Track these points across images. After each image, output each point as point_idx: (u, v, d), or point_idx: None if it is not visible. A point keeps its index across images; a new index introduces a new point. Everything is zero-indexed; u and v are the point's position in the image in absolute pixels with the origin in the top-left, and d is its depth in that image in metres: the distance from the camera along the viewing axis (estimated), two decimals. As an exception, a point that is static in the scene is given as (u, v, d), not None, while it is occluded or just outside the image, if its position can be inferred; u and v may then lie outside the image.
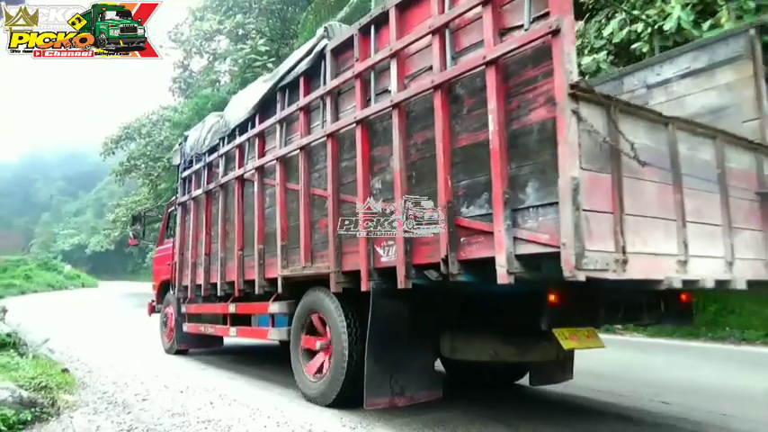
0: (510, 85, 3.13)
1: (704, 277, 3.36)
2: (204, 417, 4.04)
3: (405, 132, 3.82)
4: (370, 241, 4.04)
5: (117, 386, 5.31)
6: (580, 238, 2.66)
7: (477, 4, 3.30)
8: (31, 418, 4.11)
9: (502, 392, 5.15)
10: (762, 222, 3.98)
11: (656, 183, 3.19)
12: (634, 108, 3.28)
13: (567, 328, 3.52)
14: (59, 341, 8.55)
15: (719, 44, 4.55)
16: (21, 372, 4.75)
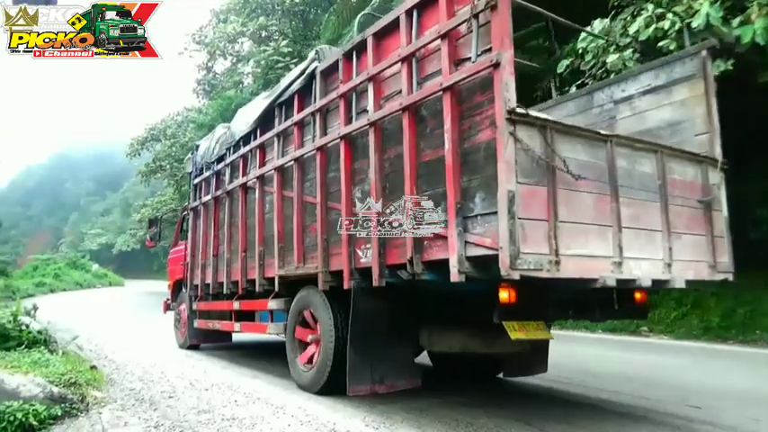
0: (463, 108, 3.63)
1: (640, 277, 3.79)
2: (229, 414, 4.09)
3: (380, 148, 4.33)
4: (351, 244, 4.53)
5: (144, 383, 5.40)
6: (515, 242, 3.13)
7: (436, 37, 3.80)
8: (61, 414, 4.22)
9: (510, 389, 5.10)
10: (705, 227, 4.42)
11: (592, 193, 3.64)
12: (571, 128, 3.75)
13: (518, 322, 3.79)
14: (87, 338, 8.74)
15: (676, 63, 4.97)
16: (51, 368, 4.86)
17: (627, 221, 3.79)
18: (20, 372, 4.61)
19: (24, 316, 6.21)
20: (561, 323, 11.39)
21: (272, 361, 7.00)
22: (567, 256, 3.39)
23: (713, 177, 4.58)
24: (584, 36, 9.08)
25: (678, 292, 10.08)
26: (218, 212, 7.50)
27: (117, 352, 7.82)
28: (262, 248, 6.09)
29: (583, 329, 10.79)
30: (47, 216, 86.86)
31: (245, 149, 6.65)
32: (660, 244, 4.04)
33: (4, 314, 5.87)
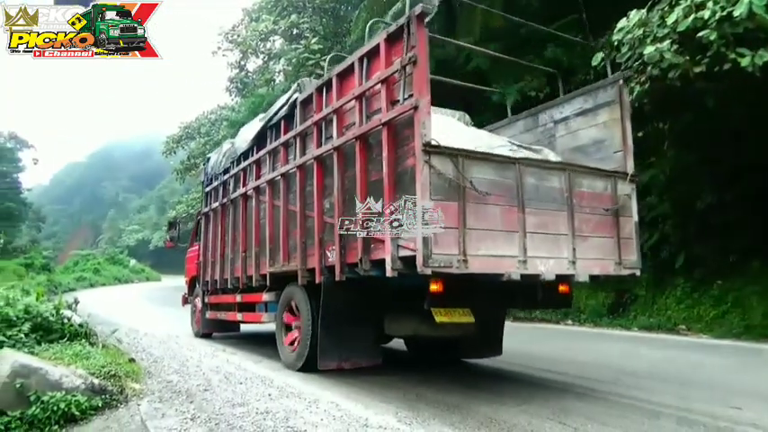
0: (396, 140, 4.54)
1: (544, 272, 4.68)
2: (263, 408, 4.14)
3: (342, 168, 5.26)
4: (321, 246, 5.47)
5: (180, 376, 5.51)
6: (427, 245, 4.05)
7: (378, 81, 4.74)
8: (101, 405, 4.34)
9: (539, 383, 5.03)
10: (612, 231, 5.25)
11: (500, 205, 4.51)
12: (480, 154, 4.65)
13: (444, 308, 4.71)
14: (125, 332, 8.96)
15: (600, 90, 5.82)
16: (92, 360, 4.99)
17: (533, 228, 4.68)
18: (62, 363, 4.76)
19: (66, 310, 6.38)
20: (596, 321, 11.22)
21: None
22: (474, 256, 4.29)
23: (624, 189, 5.41)
24: (620, 27, 8.86)
25: (717, 291, 9.81)
26: (225, 218, 8.50)
27: (154, 345, 8.00)
28: (257, 249, 7.10)
29: (618, 327, 10.59)
30: (86, 213, 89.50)
31: (245, 164, 7.70)
32: (565, 245, 4.88)
33: (48, 308, 6.05)
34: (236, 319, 8.20)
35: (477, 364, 6.46)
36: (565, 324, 11.66)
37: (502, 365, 6.35)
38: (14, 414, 4.00)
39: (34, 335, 5.60)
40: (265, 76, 24.47)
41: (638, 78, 8.73)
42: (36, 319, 5.72)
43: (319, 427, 3.64)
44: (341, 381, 5.40)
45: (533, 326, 11.81)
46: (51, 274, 29.83)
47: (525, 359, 6.82)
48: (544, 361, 6.69)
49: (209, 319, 9.28)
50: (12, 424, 3.96)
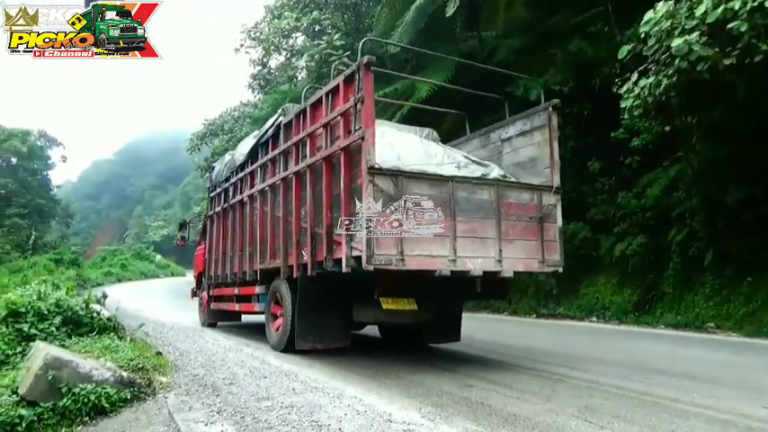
0: (351, 163, 5.57)
1: (472, 269, 5.68)
2: (287, 402, 4.17)
3: (313, 182, 6.30)
4: (299, 247, 6.54)
5: (206, 370, 5.59)
6: (370, 247, 5.10)
7: (338, 114, 5.79)
8: (130, 397, 4.43)
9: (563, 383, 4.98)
10: (537, 235, 6.25)
11: (433, 216, 5.51)
12: (415, 174, 5.65)
13: (392, 298, 5.90)
14: (152, 326, 9.13)
15: (536, 115, 6.87)
16: (120, 353, 5.10)
17: (463, 233, 5.69)
18: (92, 356, 4.87)
19: (95, 304, 6.52)
20: (621, 318, 11.06)
21: (327, 352, 7.11)
22: (410, 256, 5.32)
23: (549, 199, 6.43)
24: (647, 19, 8.69)
25: (748, 288, 9.60)
26: (226, 220, 9.64)
27: (180, 339, 8.12)
28: (251, 248, 8.20)
29: (644, 325, 10.43)
30: (113, 209, 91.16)
31: (241, 174, 8.87)
32: (493, 247, 5.90)
33: (77, 302, 6.18)
34: (235, 309, 9.27)
35: (502, 362, 6.43)
36: (589, 321, 11.52)
37: (525, 362, 6.31)
38: (47, 405, 4.11)
39: (65, 328, 5.73)
40: (288, 72, 24.58)
41: (665, 71, 8.55)
42: (66, 313, 5.85)
43: (343, 422, 3.66)
44: (364, 376, 5.43)
45: (556, 323, 11.71)
46: (80, 269, 30.43)
47: (549, 356, 6.77)
48: (568, 358, 6.63)
49: (213, 309, 10.49)
50: (44, 415, 4.07)
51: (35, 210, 46.91)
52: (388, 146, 6.18)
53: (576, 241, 12.59)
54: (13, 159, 48.94)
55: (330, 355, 6.78)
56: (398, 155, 6.07)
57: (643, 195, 11.77)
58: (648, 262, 11.45)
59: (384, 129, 6.96)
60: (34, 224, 42.34)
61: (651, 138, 11.01)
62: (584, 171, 13.15)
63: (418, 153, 6.47)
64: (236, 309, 9.21)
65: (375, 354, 6.96)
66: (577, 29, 13.50)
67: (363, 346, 7.65)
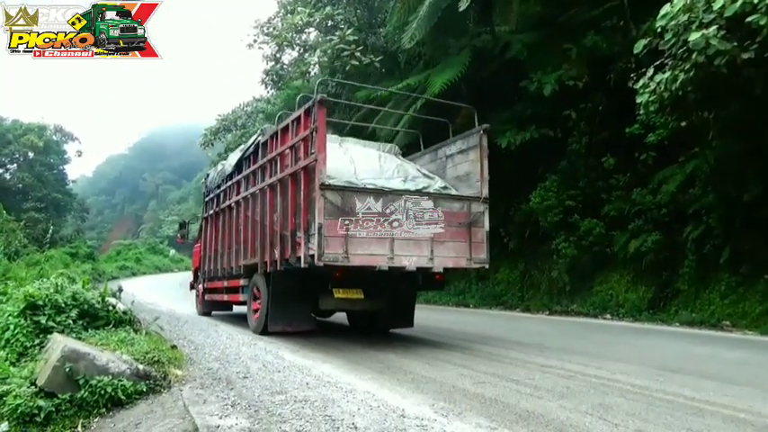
0: (308, 179, 6.75)
1: (407, 265, 6.90)
2: (301, 396, 4.20)
3: (282, 193, 7.50)
4: (271, 246, 7.72)
5: (220, 363, 5.64)
6: (321, 247, 6.28)
7: (299, 139, 7.00)
8: (145, 390, 4.49)
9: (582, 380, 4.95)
10: (466, 237, 7.42)
11: (373, 221, 6.75)
12: (359, 189, 6.85)
13: (342, 289, 7.23)
14: (167, 319, 9.22)
15: (471, 136, 8.10)
16: (136, 346, 5.15)
17: (400, 234, 6.91)
18: (108, 349, 4.94)
19: (111, 297, 6.59)
20: (635, 315, 10.98)
21: (340, 347, 7.15)
22: (354, 255, 6.57)
23: (478, 208, 7.56)
24: (663, 13, 8.59)
25: (764, 286, 9.48)
26: (217, 222, 10.87)
27: (194, 333, 8.20)
28: (236, 247, 9.44)
29: (658, 322, 10.35)
30: (128, 204, 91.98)
31: (229, 183, 10.13)
32: (426, 247, 7.08)
33: (94, 295, 6.26)
34: (225, 300, 10.51)
35: (515, 359, 6.41)
36: (603, 318, 11.45)
37: (538, 359, 6.28)
38: (64, 396, 4.18)
39: (81, 321, 5.81)
40: (300, 68, 24.61)
41: (682, 66, 8.45)
42: (83, 306, 5.92)
43: (357, 417, 3.67)
44: (377, 371, 5.44)
45: (569, 320, 11.65)
46: (95, 262, 30.78)
47: (562, 353, 6.74)
48: (581, 355, 6.59)
49: (207, 300, 11.87)
50: (62, 406, 4.14)
51: (51, 204, 47.49)
52: (348, 161, 7.72)
53: (591, 238, 12.51)
54: (30, 154, 49.54)
55: (343, 350, 6.83)
56: (356, 168, 7.51)
57: (658, 192, 11.65)
58: (663, 259, 11.35)
59: (349, 146, 8.76)
60: (50, 218, 42.86)
61: (667, 133, 10.90)
62: (599, 167, 13.06)
63: (374, 168, 7.84)
64: (225, 299, 10.45)
65: (387, 350, 6.97)
66: (592, 23, 13.38)
67: (375, 342, 7.67)
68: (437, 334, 8.79)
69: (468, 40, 15.95)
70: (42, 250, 26.16)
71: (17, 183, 48.18)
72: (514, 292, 14.98)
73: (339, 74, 20.80)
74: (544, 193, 13.60)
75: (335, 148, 7.95)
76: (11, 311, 5.71)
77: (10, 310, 5.75)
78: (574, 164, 13.66)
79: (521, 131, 14.10)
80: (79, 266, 23.26)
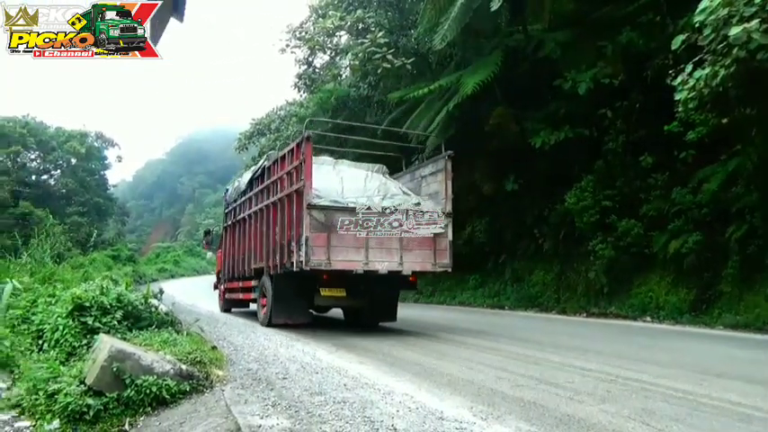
0: (300, 200, 8.24)
1: (380, 269, 8.39)
2: (340, 397, 4.24)
3: (282, 210, 9.03)
4: (274, 254, 9.24)
5: (260, 364, 5.74)
6: (308, 255, 7.95)
7: (293, 167, 8.56)
8: (189, 389, 4.60)
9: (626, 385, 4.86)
10: (431, 246, 8.87)
11: (352, 233, 8.29)
12: (339, 207, 8.41)
13: (327, 288, 8.70)
14: (206, 320, 9.42)
15: (440, 160, 9.48)
16: (179, 347, 5.28)
17: (374, 245, 8.46)
18: (152, 349, 5.07)
19: (152, 299, 6.77)
20: (676, 318, 10.71)
21: (376, 350, 7.19)
22: (335, 260, 8.18)
23: (444, 221, 8.96)
24: (702, 8, 8.37)
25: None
26: (234, 232, 12.58)
27: (233, 334, 8.36)
28: (249, 253, 11.02)
29: (701, 325, 10.07)
30: (166, 207, 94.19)
31: (243, 199, 11.88)
32: (396, 254, 8.59)
33: (137, 297, 6.44)
34: (240, 298, 12.25)
35: (553, 361, 6.33)
36: (642, 321, 11.20)
37: (577, 362, 6.20)
38: (112, 395, 4.32)
39: (126, 322, 5.98)
40: (332, 71, 24.81)
41: (722, 61, 8.22)
42: (127, 308, 6.10)
43: (396, 419, 3.70)
44: (414, 373, 5.45)
45: (607, 322, 11.44)
46: (136, 265, 31.63)
47: (601, 357, 6.63)
48: (622, 359, 6.47)
49: (227, 299, 13.60)
50: (110, 404, 4.28)
51: (93, 208, 49.03)
52: (338, 181, 9.33)
53: (629, 238, 12.26)
54: (73, 160, 51.27)
55: (378, 353, 6.87)
56: (343, 188, 9.07)
57: (699, 191, 11.33)
58: (705, 260, 11.03)
59: (341, 167, 10.31)
60: (93, 222, 44.24)
61: (707, 131, 10.60)
62: (636, 166, 12.78)
63: (358, 187, 9.34)
64: (240, 297, 12.20)
65: (423, 353, 6.98)
66: (628, 20, 13.11)
67: (411, 346, 7.69)
68: (473, 337, 8.75)
69: (499, 39, 15.83)
70: (86, 253, 27.04)
71: (61, 188, 49.96)
72: (550, 294, 14.77)
73: (371, 76, 20.89)
74: (580, 193, 13.38)
75: (329, 170, 9.82)
76: (59, 312, 5.93)
77: (59, 312, 5.97)
78: (610, 163, 13.39)
79: (555, 131, 13.91)
80: (121, 269, 23.97)
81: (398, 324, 10.40)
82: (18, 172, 46.01)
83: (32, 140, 47.89)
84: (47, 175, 51.66)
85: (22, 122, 48.33)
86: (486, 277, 17.95)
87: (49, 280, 8.74)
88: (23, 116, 49.73)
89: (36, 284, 8.11)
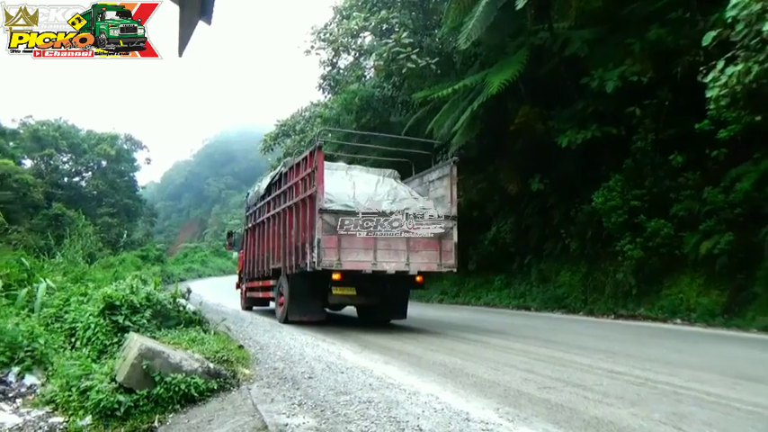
0: (312, 205, 8.80)
1: (387, 269, 8.89)
2: (365, 397, 4.25)
3: (297, 213, 9.64)
4: (290, 254, 9.82)
5: (285, 363, 5.78)
6: (320, 256, 8.52)
7: (306, 174, 9.27)
8: (216, 388, 4.66)
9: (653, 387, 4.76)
10: (437, 247, 9.37)
11: (361, 236, 8.84)
12: (349, 211, 8.85)
13: (339, 287, 9.08)
14: (233, 320, 9.53)
15: (447, 166, 9.93)
16: (206, 346, 5.36)
17: (382, 246, 8.96)
18: (180, 348, 5.16)
19: (180, 298, 6.88)
20: (707, 320, 10.46)
21: (401, 350, 7.18)
22: (345, 261, 8.67)
23: (448, 224, 9.44)
24: (734, 3, 8.17)
25: None
26: (254, 234, 13.32)
27: (259, 334, 8.44)
28: (268, 254, 11.67)
29: (734, 328, 9.83)
30: (194, 208, 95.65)
31: (261, 203, 12.64)
32: (403, 255, 9.09)
33: (165, 296, 6.56)
34: (260, 296, 13.02)
35: (581, 364, 6.24)
36: (673, 323, 10.97)
37: (605, 365, 6.10)
38: (142, 393, 4.40)
39: (155, 321, 6.11)
40: (356, 72, 24.90)
41: (755, 57, 8.01)
42: (156, 307, 6.22)
43: (421, 419, 3.68)
44: (439, 374, 5.44)
45: (637, 324, 11.23)
46: (164, 265, 32.16)
47: (630, 359, 6.51)
48: (651, 362, 6.34)
49: (248, 297, 14.21)
50: (140, 401, 4.36)
51: (123, 209, 50.03)
52: (350, 186, 9.78)
53: (658, 239, 12.02)
54: (103, 162, 52.44)
55: (404, 353, 6.86)
56: (354, 192, 9.52)
57: (731, 190, 11.04)
58: (738, 261, 10.75)
59: (354, 173, 10.84)
60: (123, 222, 45.14)
61: (740, 129, 10.32)
62: (666, 165, 12.52)
63: (369, 192, 9.74)
64: (260, 296, 12.98)
65: (449, 354, 6.94)
66: (656, 16, 12.85)
67: (437, 347, 7.67)
68: (498, 338, 8.68)
69: (525, 38, 15.68)
70: (116, 253, 27.61)
71: (92, 190, 51.12)
72: (577, 295, 14.56)
73: (395, 76, 20.89)
74: (608, 193, 13.16)
75: (342, 176, 10.35)
76: (91, 311, 6.08)
77: (90, 310, 6.12)
78: (639, 162, 13.14)
79: (582, 130, 13.71)
80: (149, 269, 24.40)
81: (424, 325, 10.38)
82: (51, 174, 47.22)
83: (65, 143, 49.16)
84: (78, 177, 52.97)
85: (55, 126, 49.66)
86: (511, 278, 17.79)
87: (81, 279, 8.98)
88: (56, 119, 51.11)
89: (69, 283, 8.33)
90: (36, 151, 46.67)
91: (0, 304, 6.49)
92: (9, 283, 7.68)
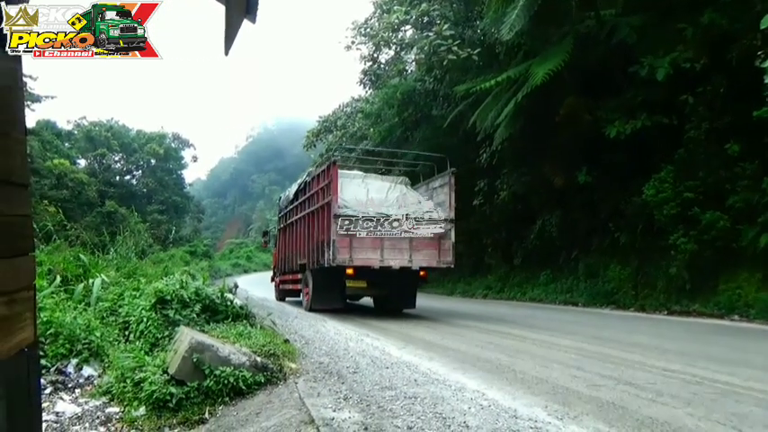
0: (329, 210, 10.68)
1: (393, 265, 10.62)
2: (411, 393, 4.22)
3: (317, 218, 11.62)
4: (313, 252, 11.68)
5: (330, 358, 5.82)
6: (334, 254, 10.36)
7: (324, 185, 11.25)
8: (263, 381, 4.73)
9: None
10: (436, 246, 11.00)
11: (369, 237, 10.62)
12: (360, 216, 10.62)
13: (351, 280, 10.90)
14: (278, 314, 9.67)
15: (447, 175, 11.42)
16: (253, 340, 5.46)
17: (387, 246, 10.64)
18: (229, 342, 5.26)
19: (228, 293, 7.02)
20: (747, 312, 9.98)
21: (445, 346, 7.14)
22: (356, 258, 10.47)
23: (447, 226, 11.00)
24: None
25: None
26: (285, 234, 15.23)
27: (304, 328, 8.54)
28: (297, 251, 13.41)
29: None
30: (239, 204, 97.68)
31: (290, 207, 14.47)
32: (407, 253, 10.71)
33: (213, 291, 6.70)
34: (289, 288, 14.98)
35: (634, 360, 6.04)
36: (730, 320, 10.52)
37: (659, 363, 5.89)
38: (193, 385, 4.50)
39: (204, 315, 6.25)
40: (397, 66, 24.78)
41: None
42: (204, 301, 6.37)
43: (468, 416, 3.64)
44: (485, 370, 5.37)
45: (691, 321, 10.83)
46: (211, 260, 32.96)
47: (685, 357, 6.27)
48: (708, 360, 6.08)
49: (281, 289, 16.22)
50: (191, 393, 4.47)
51: (171, 206, 51.56)
52: (365, 192, 11.34)
53: (713, 232, 11.54)
54: (152, 161, 54.12)
55: (448, 349, 6.82)
56: (368, 198, 11.14)
57: (793, 180, 10.49)
58: (801, 255, 10.22)
59: (369, 180, 12.17)
60: (171, 219, 46.48)
61: (803, 115, 9.79)
62: (721, 154, 11.98)
63: (381, 198, 11.36)
64: (290, 288, 14.82)
65: (495, 351, 6.85)
66: (709, 0, 12.30)
67: (482, 343, 7.59)
68: (545, 334, 8.52)
69: (570, 26, 15.26)
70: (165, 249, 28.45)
71: (142, 187, 52.88)
72: (627, 290, 14.14)
73: (437, 69, 20.70)
74: (659, 184, 12.70)
75: (358, 183, 11.76)
76: (143, 305, 6.27)
77: (143, 304, 6.31)
78: (692, 152, 12.63)
79: (631, 120, 13.26)
80: (197, 264, 25.05)
81: (467, 320, 10.28)
82: (104, 173, 49.07)
83: (116, 143, 50.97)
84: (129, 176, 54.89)
85: (107, 126, 51.55)
86: (557, 273, 17.43)
87: (134, 274, 9.26)
88: (107, 120, 53.02)
89: (122, 278, 8.61)
90: (89, 151, 48.59)
91: (59, 299, 6.74)
92: (67, 277, 7.99)
